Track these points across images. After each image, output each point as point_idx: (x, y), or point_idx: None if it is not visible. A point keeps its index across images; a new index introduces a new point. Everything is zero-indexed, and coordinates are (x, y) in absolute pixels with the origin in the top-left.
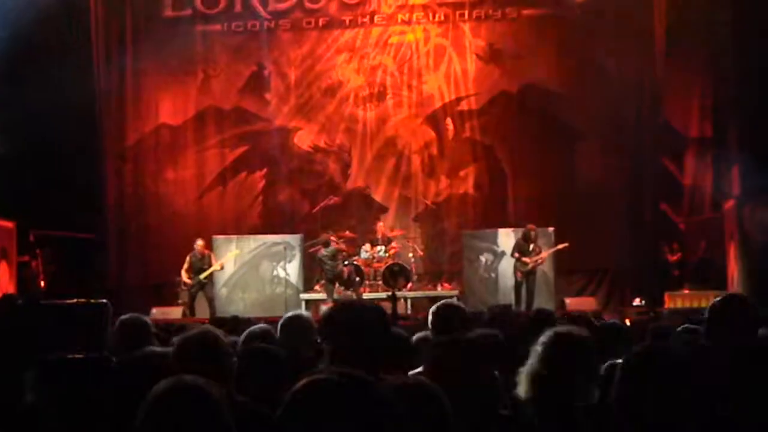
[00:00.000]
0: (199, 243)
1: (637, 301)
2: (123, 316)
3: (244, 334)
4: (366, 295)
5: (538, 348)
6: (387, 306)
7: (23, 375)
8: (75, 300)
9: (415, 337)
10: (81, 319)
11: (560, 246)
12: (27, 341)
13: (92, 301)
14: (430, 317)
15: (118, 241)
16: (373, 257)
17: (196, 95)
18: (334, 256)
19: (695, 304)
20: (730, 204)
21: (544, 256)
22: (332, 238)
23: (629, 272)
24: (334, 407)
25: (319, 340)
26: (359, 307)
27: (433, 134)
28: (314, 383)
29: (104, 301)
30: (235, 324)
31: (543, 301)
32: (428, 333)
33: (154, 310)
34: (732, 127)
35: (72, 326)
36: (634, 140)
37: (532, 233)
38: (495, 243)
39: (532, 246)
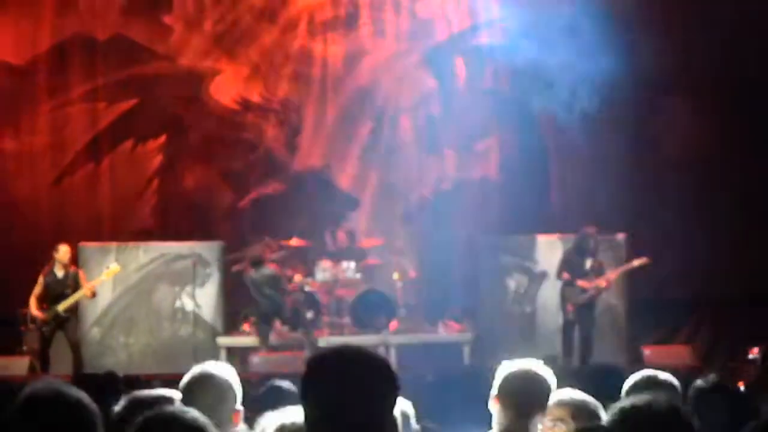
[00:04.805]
0: (63, 251)
1: (755, 353)
2: None
3: (123, 401)
4: (325, 340)
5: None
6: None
7: None
8: None
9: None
10: None
11: (636, 262)
12: None
13: None
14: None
15: None
16: (337, 279)
17: (52, 17)
18: (272, 278)
19: None
20: None
21: (611, 278)
22: (269, 249)
23: (745, 308)
24: None
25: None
26: (351, 359)
27: (433, 83)
28: None
29: None
30: (111, 385)
31: (608, 350)
32: None
33: None
34: None
35: None
36: (756, 98)
37: (591, 241)
38: (531, 257)
39: (590, 262)
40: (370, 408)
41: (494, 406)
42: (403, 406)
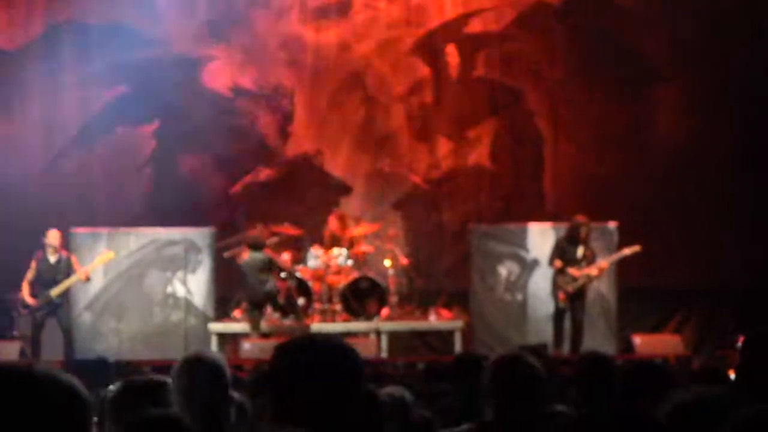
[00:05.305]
0: (53, 236)
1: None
2: None
3: (117, 387)
4: (317, 326)
5: None
6: (368, 344)
7: None
8: None
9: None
10: None
11: (627, 251)
12: None
13: None
14: (487, 377)
15: None
16: (328, 266)
17: (44, 2)
18: (264, 265)
19: None
20: None
21: (603, 266)
22: (263, 235)
23: (735, 298)
24: None
25: (236, 396)
26: (316, 345)
27: (426, 70)
28: None
29: None
30: (102, 371)
31: (598, 338)
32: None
33: None
34: None
35: None
36: (746, 85)
37: (583, 229)
38: (522, 245)
39: (581, 250)
40: (328, 396)
41: (486, 397)
42: (401, 393)
